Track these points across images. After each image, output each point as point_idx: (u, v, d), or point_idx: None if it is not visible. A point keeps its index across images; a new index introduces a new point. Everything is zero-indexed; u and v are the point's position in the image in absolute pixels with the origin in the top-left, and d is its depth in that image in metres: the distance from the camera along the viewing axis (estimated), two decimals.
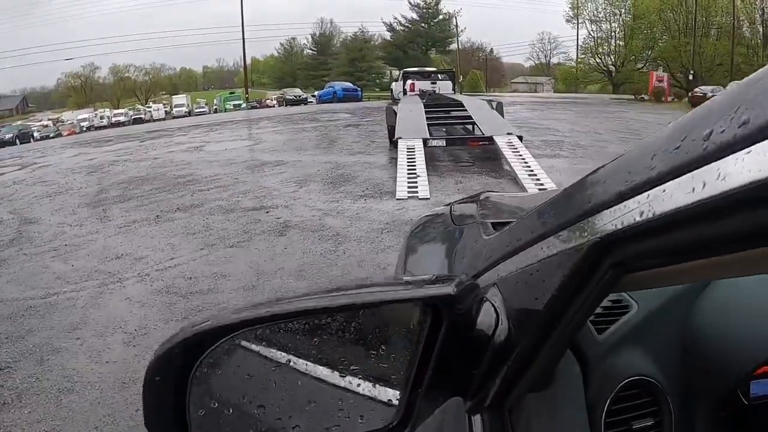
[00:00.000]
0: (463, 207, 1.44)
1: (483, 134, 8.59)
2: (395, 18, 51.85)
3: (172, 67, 72.89)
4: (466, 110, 10.61)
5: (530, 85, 62.33)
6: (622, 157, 0.47)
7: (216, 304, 3.42)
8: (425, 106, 11.16)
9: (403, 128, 8.58)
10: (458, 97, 14.18)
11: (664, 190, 0.37)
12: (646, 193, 0.39)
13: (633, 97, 30.27)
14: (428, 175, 6.69)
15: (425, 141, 8.00)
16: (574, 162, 8.44)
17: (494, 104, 11.35)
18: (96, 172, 10.78)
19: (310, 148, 10.87)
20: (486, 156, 8.79)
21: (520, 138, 8.35)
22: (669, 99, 27.82)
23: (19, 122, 43.09)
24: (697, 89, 25.53)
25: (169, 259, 4.51)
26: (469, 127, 10.38)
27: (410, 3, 51.74)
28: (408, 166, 7.03)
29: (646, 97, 28.56)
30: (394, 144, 8.33)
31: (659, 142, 0.40)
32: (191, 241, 4.94)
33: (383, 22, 52.20)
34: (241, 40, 43.86)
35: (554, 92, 52.99)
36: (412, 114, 10.00)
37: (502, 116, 10.80)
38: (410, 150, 7.62)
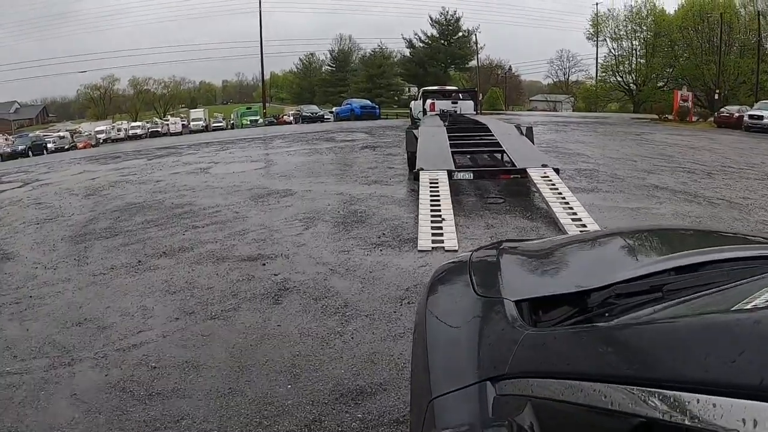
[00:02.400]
0: (485, 266, 1.39)
1: (515, 165, 7.63)
2: (415, 34, 51.37)
3: (192, 81, 73.80)
4: (492, 135, 9.64)
5: (549, 103, 61.49)
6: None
7: (175, 422, 2.51)
8: (448, 130, 10.21)
9: (425, 157, 7.66)
10: (483, 119, 13.18)
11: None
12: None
13: (657, 116, 29.14)
14: (454, 215, 5.77)
15: (450, 173, 7.07)
16: (617, 199, 7.43)
17: (523, 128, 10.35)
18: (94, 195, 10.07)
19: (322, 173, 10.02)
20: (517, 190, 7.84)
21: (557, 171, 7.38)
22: (693, 119, 26.67)
23: (39, 132, 43.23)
24: (723, 109, 24.68)
25: (137, 332, 3.62)
26: (498, 155, 9.45)
27: (431, 19, 51.27)
28: (431, 204, 6.10)
29: (669, 117, 27.64)
30: (414, 175, 7.41)
31: None
32: (168, 303, 4.06)
33: (403, 38, 51.74)
34: (257, 54, 43.67)
35: (573, 111, 52.20)
36: (434, 140, 9.07)
37: (532, 142, 9.83)
38: (433, 184, 6.70)
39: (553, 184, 6.92)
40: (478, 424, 0.87)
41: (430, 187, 6.62)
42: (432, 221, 5.59)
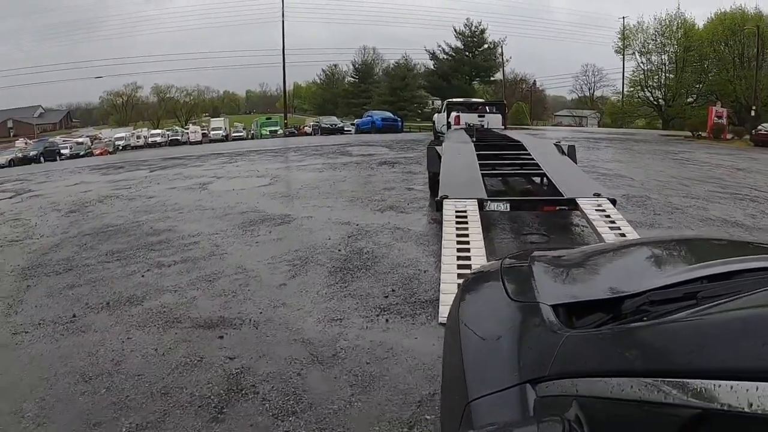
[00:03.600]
0: (518, 272, 1.40)
1: (560, 193, 6.10)
2: (439, 46, 50.03)
3: (216, 90, 73.94)
4: (527, 154, 8.10)
5: (575, 119, 59.55)
6: None
7: None
8: (476, 147, 8.68)
9: (451, 181, 6.18)
10: (515, 134, 11.62)
11: None
12: None
13: (690, 134, 27.50)
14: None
15: (482, 203, 5.59)
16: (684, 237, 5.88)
17: (564, 146, 8.79)
18: (77, 212, 8.97)
19: (330, 194, 8.69)
20: (562, 223, 6.42)
21: (614, 201, 5.86)
22: (728, 136, 25.18)
23: (59, 137, 43.07)
24: (761, 127, 23.30)
25: None
26: (536, 178, 7.92)
27: (455, 30, 49.91)
28: (458, 245, 4.66)
29: (702, 134, 26.15)
30: (437, 204, 5.91)
31: None
32: (74, 402, 2.74)
33: (426, 50, 50.41)
34: (280, 64, 42.86)
35: (599, 126, 50.34)
36: (461, 159, 7.54)
37: (575, 162, 8.29)
38: (461, 217, 5.23)
39: (611, 219, 5.41)
40: (522, 422, 0.88)
41: (457, 221, 5.17)
42: (459, 271, 4.15)
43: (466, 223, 5.09)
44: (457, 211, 5.33)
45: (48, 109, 58.57)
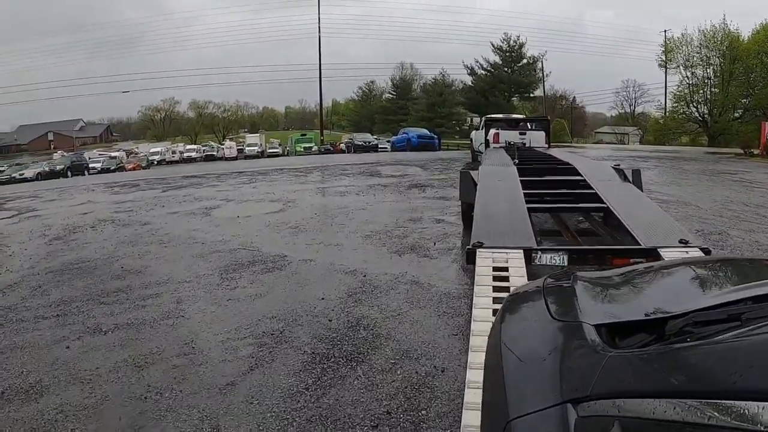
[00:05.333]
0: (560, 292, 1.40)
1: (635, 239, 4.33)
2: (477, 61, 48.42)
3: (255, 106, 74.65)
4: (582, 179, 6.31)
5: (617, 136, 56.71)
6: None
7: None
8: (519, 172, 6.88)
9: (487, 224, 4.48)
10: (563, 155, 9.63)
11: None
12: None
13: (742, 151, 24.98)
14: None
15: (530, 254, 3.90)
16: None
17: (625, 171, 6.91)
18: (61, 240, 8.02)
19: (343, 227, 7.34)
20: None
21: (707, 252, 4.10)
22: None
23: (95, 150, 43.61)
24: None
25: None
26: (596, 212, 6.11)
27: (493, 46, 48.26)
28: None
29: (755, 152, 23.83)
30: (467, 254, 4.12)
31: None
32: None
33: (464, 66, 48.88)
34: (317, 80, 42.31)
35: (640, 143, 47.63)
36: (501, 190, 5.78)
37: (641, 189, 6.49)
38: (500, 275, 3.63)
39: None
40: None
41: (495, 281, 3.57)
42: None
43: (508, 282, 3.49)
44: (495, 267, 3.70)
45: (89, 122, 59.97)
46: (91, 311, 4.44)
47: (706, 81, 39.38)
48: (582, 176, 6.19)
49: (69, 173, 25.06)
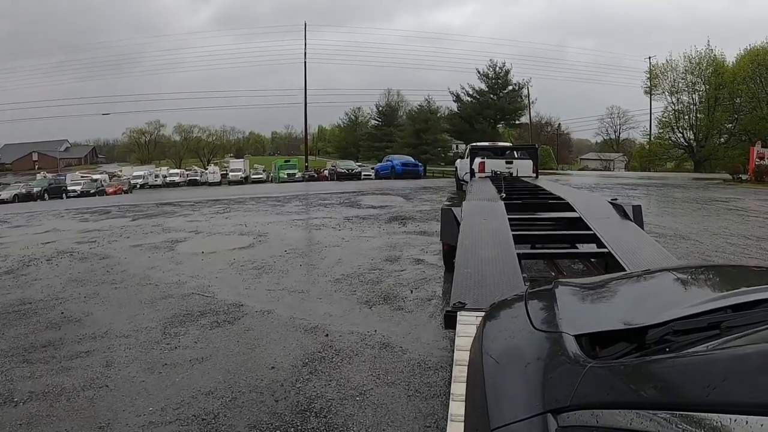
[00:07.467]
0: (541, 302, 1.38)
1: None
2: (462, 88, 48.47)
3: (242, 131, 74.21)
4: (576, 215, 5.61)
5: (602, 162, 57.04)
6: None
7: None
8: (506, 207, 6.15)
9: (469, 278, 3.63)
10: (554, 188, 8.77)
11: None
12: None
13: (730, 177, 25.34)
14: None
15: None
16: None
17: (624, 207, 6.15)
18: (10, 275, 7.45)
19: (313, 269, 6.76)
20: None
21: None
22: None
23: (78, 172, 42.52)
24: None
25: None
26: (596, 258, 5.33)
27: (479, 72, 48.41)
28: None
29: (743, 177, 24.06)
30: (445, 319, 3.07)
31: None
32: None
33: (450, 92, 48.86)
34: (303, 106, 42.05)
35: (625, 170, 47.89)
36: (486, 231, 4.92)
37: (642, 227, 5.78)
38: None
39: None
40: None
41: None
42: None
43: None
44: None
45: (74, 143, 58.96)
46: (11, 372, 3.79)
47: (691, 107, 39.99)
48: (577, 213, 5.56)
49: (46, 196, 24.15)
